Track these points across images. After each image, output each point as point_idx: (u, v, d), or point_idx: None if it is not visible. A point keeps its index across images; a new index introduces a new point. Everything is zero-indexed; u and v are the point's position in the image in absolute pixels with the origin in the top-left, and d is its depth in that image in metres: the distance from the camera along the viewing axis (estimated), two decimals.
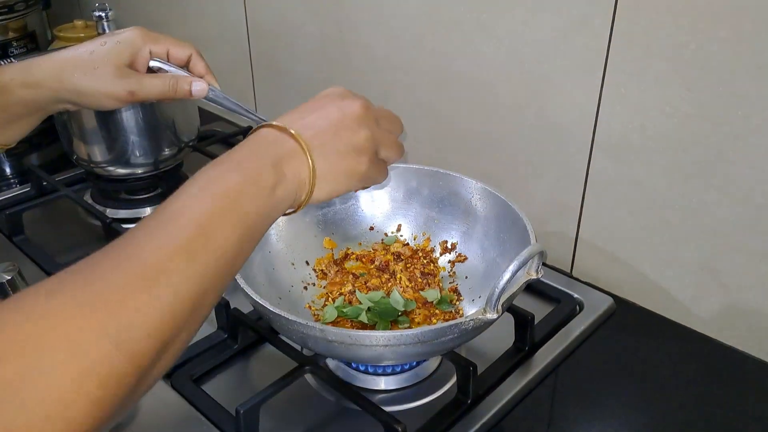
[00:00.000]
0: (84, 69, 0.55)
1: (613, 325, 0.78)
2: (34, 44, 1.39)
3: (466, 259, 0.76)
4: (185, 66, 0.64)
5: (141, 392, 0.36)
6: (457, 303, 0.73)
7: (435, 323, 0.67)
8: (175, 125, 0.99)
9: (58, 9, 1.59)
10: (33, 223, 0.97)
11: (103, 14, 0.99)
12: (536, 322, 0.73)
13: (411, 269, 0.75)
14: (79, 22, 1.36)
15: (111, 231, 0.91)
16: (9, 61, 1.02)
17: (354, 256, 0.78)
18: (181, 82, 0.60)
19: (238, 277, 0.61)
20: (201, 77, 0.64)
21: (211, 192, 0.41)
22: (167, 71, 0.61)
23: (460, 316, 0.71)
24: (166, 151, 0.99)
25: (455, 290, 0.75)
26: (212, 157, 1.09)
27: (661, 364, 0.73)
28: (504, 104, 0.86)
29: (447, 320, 0.71)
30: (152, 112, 0.96)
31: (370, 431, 0.63)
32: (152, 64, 0.59)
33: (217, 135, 1.21)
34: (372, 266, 0.76)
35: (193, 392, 0.68)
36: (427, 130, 0.97)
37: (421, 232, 0.79)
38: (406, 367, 0.70)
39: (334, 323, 0.68)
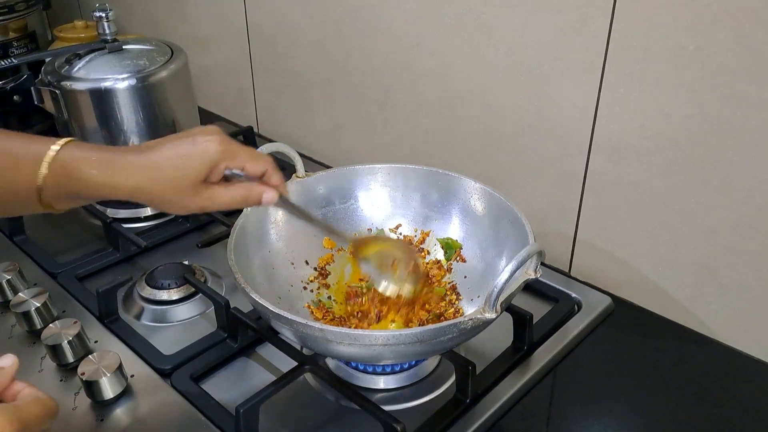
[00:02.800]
0: (163, 184, 0.55)
1: (612, 324, 0.78)
2: (35, 44, 1.39)
3: (464, 260, 0.76)
4: (260, 177, 0.62)
5: None
6: (457, 303, 0.74)
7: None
8: (175, 125, 1.00)
9: (59, 9, 1.59)
10: (33, 222, 0.97)
11: (104, 14, 0.99)
12: (535, 321, 0.74)
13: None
14: (79, 23, 1.36)
15: (111, 230, 0.91)
16: (9, 61, 1.01)
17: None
18: (253, 195, 0.59)
19: (238, 276, 0.61)
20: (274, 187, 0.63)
21: None
22: (239, 176, 0.59)
23: (460, 315, 0.71)
24: None
25: (454, 289, 0.75)
26: None
27: (660, 364, 0.73)
28: (503, 104, 0.86)
29: (443, 314, 0.71)
30: (152, 112, 0.96)
31: (370, 430, 0.63)
32: (226, 172, 0.58)
33: None
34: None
35: (193, 391, 0.68)
36: (426, 130, 0.97)
37: (420, 232, 0.80)
38: (406, 366, 0.70)
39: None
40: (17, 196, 0.54)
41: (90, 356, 0.67)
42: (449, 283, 0.76)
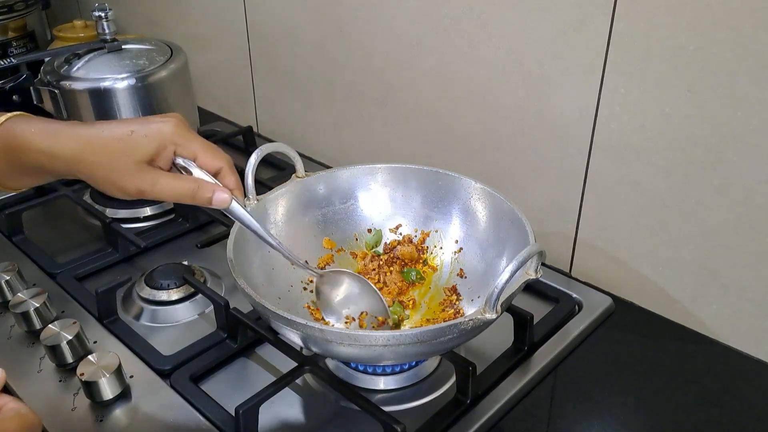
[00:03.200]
0: (102, 157, 0.52)
1: (613, 325, 0.78)
2: (34, 44, 1.39)
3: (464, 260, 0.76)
4: (214, 175, 0.59)
5: None
6: (457, 303, 0.73)
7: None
8: None
9: (58, 9, 1.59)
10: (32, 223, 0.97)
11: (103, 14, 0.99)
12: (535, 322, 0.74)
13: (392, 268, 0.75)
14: (78, 22, 1.36)
15: (110, 231, 0.91)
16: (9, 61, 1.01)
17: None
18: (202, 190, 0.56)
19: (237, 276, 0.61)
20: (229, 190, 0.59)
21: None
22: (192, 172, 0.56)
23: (460, 316, 0.71)
24: None
25: (454, 290, 0.75)
26: None
27: (660, 364, 0.73)
28: (503, 104, 0.86)
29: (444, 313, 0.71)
30: (152, 112, 0.96)
31: (370, 431, 0.63)
32: (178, 161, 0.55)
33: (217, 135, 1.21)
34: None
35: (192, 392, 0.68)
36: (426, 130, 0.97)
37: (421, 232, 0.79)
38: (406, 367, 0.70)
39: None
40: None
41: (89, 357, 0.67)
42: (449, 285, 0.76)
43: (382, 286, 0.75)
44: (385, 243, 0.80)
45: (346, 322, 0.70)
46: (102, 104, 0.94)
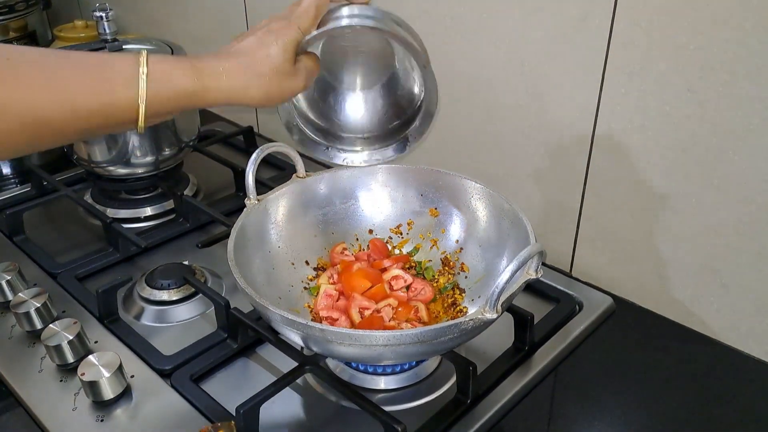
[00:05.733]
0: (262, 81, 0.56)
1: (613, 324, 0.78)
2: (35, 44, 1.39)
3: (466, 270, 0.76)
4: None
5: None
6: (460, 302, 0.73)
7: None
8: (175, 125, 0.99)
9: (59, 9, 1.59)
10: (33, 223, 0.97)
11: (104, 14, 0.99)
12: (536, 321, 0.74)
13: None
14: (79, 22, 1.36)
15: (111, 231, 0.91)
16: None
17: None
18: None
19: (237, 276, 0.61)
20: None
21: None
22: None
23: (462, 315, 0.71)
24: (166, 151, 0.99)
25: (457, 286, 0.75)
26: (212, 156, 1.10)
27: (661, 364, 0.73)
28: (504, 104, 0.86)
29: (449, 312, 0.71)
30: None
31: (370, 431, 0.63)
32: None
33: (217, 135, 1.21)
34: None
35: (193, 392, 0.68)
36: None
37: (419, 233, 0.79)
38: (406, 366, 0.70)
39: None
40: (109, 117, 0.52)
41: (90, 356, 0.67)
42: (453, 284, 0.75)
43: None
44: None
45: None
46: None
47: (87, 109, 0.51)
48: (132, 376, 0.70)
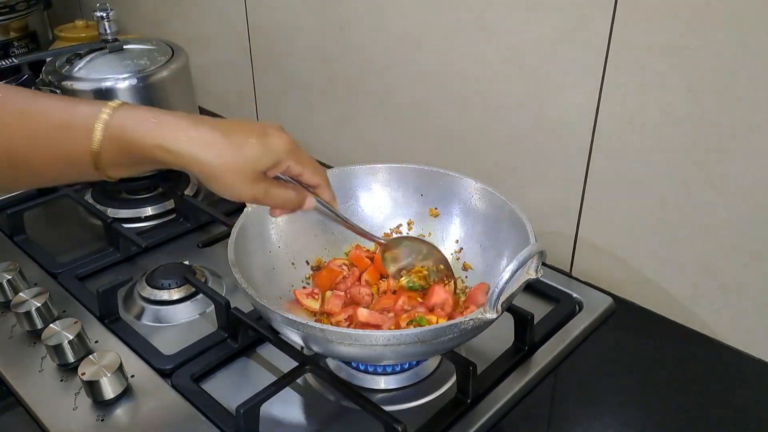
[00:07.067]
0: (221, 161, 0.53)
1: (613, 324, 0.78)
2: (36, 44, 1.39)
3: (470, 267, 0.77)
4: (313, 188, 0.63)
5: None
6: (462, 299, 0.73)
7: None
8: None
9: (59, 9, 1.59)
10: (34, 222, 0.97)
11: (104, 14, 0.99)
12: (536, 321, 0.74)
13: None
14: (80, 22, 1.36)
15: (112, 230, 0.91)
16: (10, 61, 1.01)
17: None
18: (299, 197, 0.60)
19: (238, 276, 0.61)
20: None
21: None
22: (288, 181, 0.60)
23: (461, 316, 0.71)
24: None
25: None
26: None
27: (661, 364, 0.73)
28: (504, 104, 0.86)
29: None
30: None
31: (370, 431, 0.63)
32: (281, 175, 0.59)
33: None
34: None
35: (193, 392, 0.68)
36: (427, 130, 0.97)
37: (419, 233, 0.80)
38: (406, 366, 0.70)
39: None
40: (71, 164, 0.53)
41: (90, 356, 0.67)
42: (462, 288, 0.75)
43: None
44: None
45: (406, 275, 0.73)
46: None
47: (53, 156, 0.52)
48: (132, 376, 0.70)
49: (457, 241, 0.77)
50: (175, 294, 0.81)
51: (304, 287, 0.75)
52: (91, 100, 0.54)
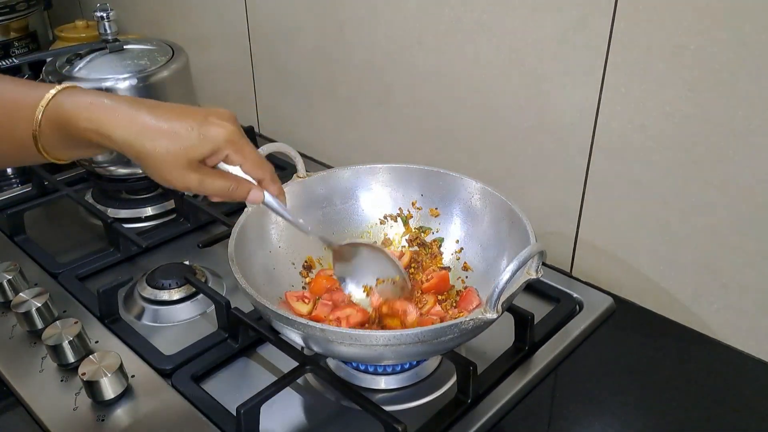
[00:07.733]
0: (156, 147, 0.52)
1: (613, 324, 0.78)
2: (36, 44, 1.39)
3: (469, 269, 0.77)
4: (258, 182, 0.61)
5: None
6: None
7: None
8: None
9: (60, 9, 1.59)
10: (34, 222, 0.97)
11: (105, 14, 0.99)
12: (536, 321, 0.74)
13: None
14: (80, 23, 1.36)
15: (112, 230, 0.91)
16: (11, 61, 1.01)
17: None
18: (240, 188, 0.58)
19: (238, 276, 0.61)
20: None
21: None
22: (230, 171, 0.58)
23: (461, 315, 0.71)
24: None
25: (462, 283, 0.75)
26: None
27: (661, 364, 0.73)
28: (504, 104, 0.86)
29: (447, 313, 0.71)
30: None
31: (371, 431, 0.63)
32: (221, 165, 0.57)
33: None
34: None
35: (193, 392, 0.68)
36: (427, 130, 0.97)
37: (419, 233, 0.80)
38: (407, 366, 0.70)
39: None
40: (18, 144, 0.53)
41: (91, 356, 0.67)
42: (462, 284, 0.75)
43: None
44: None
45: (364, 292, 0.71)
46: None
47: (2, 137, 0.53)
48: (132, 376, 0.70)
49: (457, 241, 0.77)
50: (175, 294, 0.81)
51: (303, 288, 0.75)
52: (46, 83, 0.55)
